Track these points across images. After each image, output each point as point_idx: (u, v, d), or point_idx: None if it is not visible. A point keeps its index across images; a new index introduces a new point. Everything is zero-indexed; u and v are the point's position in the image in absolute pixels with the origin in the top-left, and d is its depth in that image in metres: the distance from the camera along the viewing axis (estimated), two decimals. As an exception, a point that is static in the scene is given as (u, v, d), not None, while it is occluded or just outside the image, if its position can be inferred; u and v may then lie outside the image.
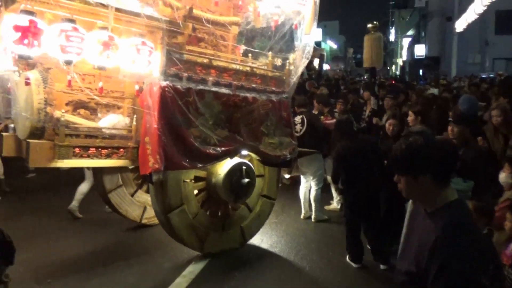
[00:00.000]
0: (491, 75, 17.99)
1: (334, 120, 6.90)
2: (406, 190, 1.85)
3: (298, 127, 6.16)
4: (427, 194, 1.80)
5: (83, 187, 6.05)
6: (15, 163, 6.86)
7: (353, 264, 4.85)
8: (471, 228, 1.74)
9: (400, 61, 46.00)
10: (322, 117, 7.13)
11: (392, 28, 53.23)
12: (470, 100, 6.57)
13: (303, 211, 6.40)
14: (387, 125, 5.31)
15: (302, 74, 5.93)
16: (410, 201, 3.80)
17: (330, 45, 53.80)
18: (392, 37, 53.24)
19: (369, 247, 4.91)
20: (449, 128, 4.47)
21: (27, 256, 4.53)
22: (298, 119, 6.25)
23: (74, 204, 6.04)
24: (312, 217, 6.28)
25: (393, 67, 50.75)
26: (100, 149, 4.17)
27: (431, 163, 1.75)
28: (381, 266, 4.75)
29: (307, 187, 6.37)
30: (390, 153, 1.94)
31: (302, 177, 6.45)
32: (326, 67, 31.37)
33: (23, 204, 6.75)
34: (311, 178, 6.29)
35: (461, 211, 1.78)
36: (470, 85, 12.70)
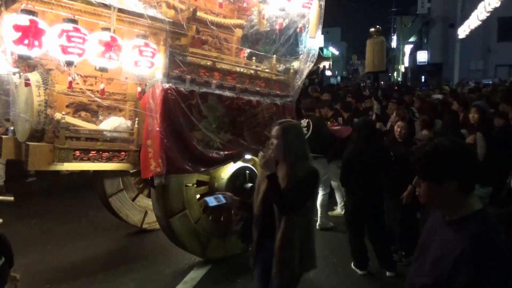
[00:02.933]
0: (490, 82, 17.91)
1: (340, 126, 6.82)
2: (427, 196, 1.70)
3: (303, 130, 6.06)
4: (450, 202, 1.67)
5: None
6: (16, 167, 6.78)
7: (358, 271, 4.75)
8: (499, 240, 1.61)
9: (402, 68, 46.00)
10: (328, 122, 7.04)
11: (394, 35, 53.33)
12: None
13: (307, 217, 6.28)
14: (396, 127, 5.01)
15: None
16: None
17: (332, 51, 53.94)
18: (394, 44, 53.30)
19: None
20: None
21: (25, 261, 4.43)
22: (304, 122, 6.15)
23: None
24: (317, 223, 6.17)
25: (395, 74, 50.75)
26: (101, 152, 4.12)
27: (459, 168, 1.62)
28: (387, 273, 4.64)
29: (311, 192, 6.25)
30: (404, 157, 1.82)
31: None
32: (328, 73, 31.44)
33: (22, 209, 6.64)
34: (316, 183, 6.17)
35: (488, 222, 1.65)
36: (470, 92, 12.65)
